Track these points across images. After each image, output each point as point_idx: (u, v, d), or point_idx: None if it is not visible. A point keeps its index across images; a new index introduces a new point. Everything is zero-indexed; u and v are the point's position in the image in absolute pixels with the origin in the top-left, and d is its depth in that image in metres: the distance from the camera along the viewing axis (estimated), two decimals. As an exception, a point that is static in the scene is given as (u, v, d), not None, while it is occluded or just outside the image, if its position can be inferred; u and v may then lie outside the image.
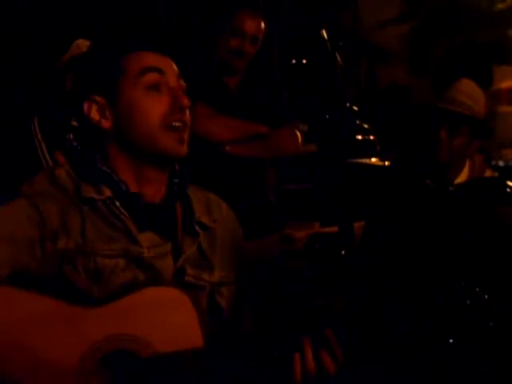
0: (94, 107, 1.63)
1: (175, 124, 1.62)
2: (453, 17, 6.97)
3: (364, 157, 4.76)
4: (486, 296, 1.44)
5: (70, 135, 1.72)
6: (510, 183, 2.32)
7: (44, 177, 1.63)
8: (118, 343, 1.47)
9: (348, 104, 4.74)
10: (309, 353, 1.47)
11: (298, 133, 3.12)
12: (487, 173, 2.45)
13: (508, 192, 2.30)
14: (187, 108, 1.63)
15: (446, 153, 2.27)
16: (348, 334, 1.49)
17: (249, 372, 1.48)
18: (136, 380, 1.47)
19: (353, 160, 4.53)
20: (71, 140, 1.72)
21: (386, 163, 4.72)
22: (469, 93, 2.32)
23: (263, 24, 3.07)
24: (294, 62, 5.23)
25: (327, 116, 3.13)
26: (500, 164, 5.53)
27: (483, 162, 2.46)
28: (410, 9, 7.11)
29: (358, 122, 5.00)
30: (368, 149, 4.92)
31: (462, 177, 2.34)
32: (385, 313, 1.49)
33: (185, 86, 1.67)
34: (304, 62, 5.22)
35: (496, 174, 2.49)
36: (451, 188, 2.31)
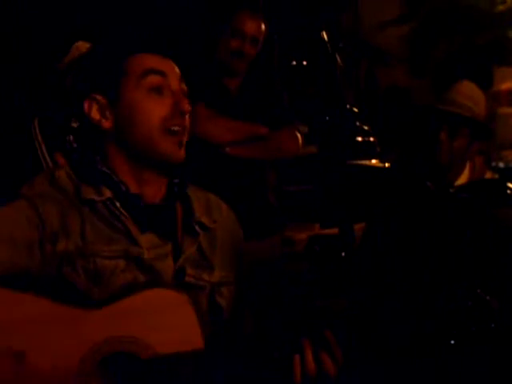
0: (95, 106, 1.63)
1: (174, 128, 1.61)
2: (453, 18, 6.98)
3: (364, 158, 4.77)
4: (488, 297, 1.44)
5: (70, 137, 1.71)
6: (511, 185, 2.32)
7: (44, 178, 1.63)
8: (118, 345, 1.47)
9: (348, 105, 4.74)
10: (309, 354, 1.47)
11: (299, 134, 3.12)
12: (487, 174, 2.45)
13: (508, 194, 2.29)
14: (188, 113, 1.63)
15: (447, 154, 2.27)
16: (348, 336, 1.49)
17: (249, 373, 1.48)
18: (136, 381, 1.47)
19: (353, 161, 4.53)
20: (71, 142, 1.72)
21: (386, 165, 4.73)
22: (469, 94, 2.32)
23: (263, 25, 3.07)
24: (294, 64, 5.24)
25: (327, 117, 3.13)
26: (500, 165, 5.54)
27: (483, 164, 2.45)
28: (410, 10, 7.12)
29: (358, 124, 5.00)
30: (368, 150, 4.93)
31: (463, 178, 2.33)
32: (385, 314, 1.49)
33: (186, 90, 1.66)
34: (304, 64, 5.22)
35: (496, 176, 2.48)
36: (451, 190, 2.30)
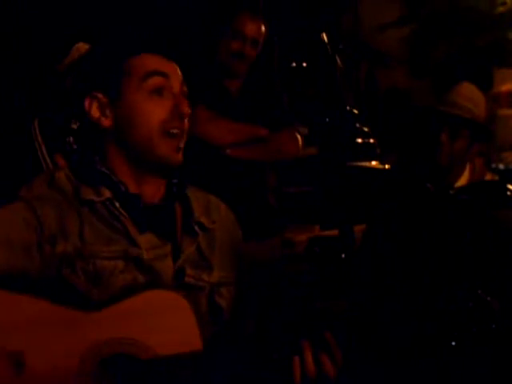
0: (95, 104, 1.62)
1: (173, 131, 1.61)
2: (453, 20, 6.98)
3: (364, 160, 4.77)
4: (488, 298, 1.44)
5: (70, 138, 1.71)
6: (511, 186, 2.32)
7: (42, 180, 1.63)
8: (118, 347, 1.47)
9: (348, 107, 4.75)
10: (308, 356, 1.47)
11: (299, 136, 3.12)
12: (487, 176, 2.45)
13: (508, 195, 2.29)
14: (187, 116, 1.63)
15: (447, 156, 2.27)
16: (348, 338, 1.49)
17: (248, 374, 1.48)
18: (135, 383, 1.47)
19: (353, 163, 4.53)
20: (71, 143, 1.71)
21: (386, 166, 4.73)
22: (469, 96, 2.32)
23: (264, 27, 3.07)
24: (294, 65, 5.24)
25: (327, 119, 3.13)
26: (500, 167, 5.54)
27: (483, 166, 2.45)
28: (410, 12, 7.12)
29: (358, 125, 5.00)
30: (368, 152, 4.93)
31: (463, 180, 2.33)
32: (385, 316, 1.49)
33: (187, 92, 1.66)
34: (304, 65, 5.22)
35: (496, 178, 2.48)
36: (451, 191, 2.30)
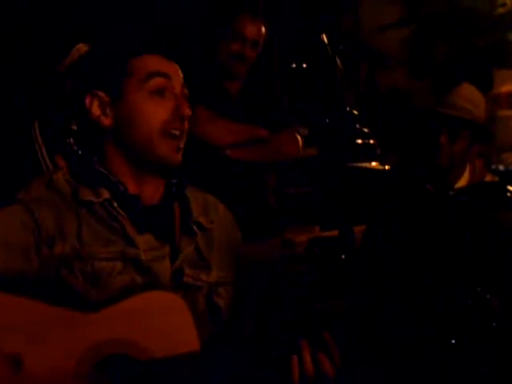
0: (96, 102, 1.63)
1: (174, 132, 1.62)
2: (453, 21, 6.98)
3: (364, 161, 4.77)
4: (488, 296, 1.44)
5: (71, 139, 1.71)
6: (511, 188, 2.32)
7: (40, 182, 1.63)
8: (116, 348, 1.47)
9: (348, 108, 4.74)
10: (307, 355, 1.47)
11: (299, 136, 3.12)
12: (487, 177, 2.44)
13: (508, 196, 2.29)
14: (188, 118, 1.64)
15: (447, 157, 2.26)
16: (348, 338, 1.49)
17: (247, 374, 1.48)
18: (134, 384, 1.47)
19: (353, 164, 4.54)
20: (71, 144, 1.71)
21: (386, 167, 4.73)
22: (469, 97, 2.32)
23: (264, 28, 3.08)
24: (295, 66, 5.23)
25: (327, 120, 3.13)
26: (500, 168, 5.54)
27: (483, 167, 2.45)
28: (410, 13, 7.12)
29: (358, 126, 5.00)
30: (368, 153, 4.93)
31: (462, 181, 2.33)
32: (385, 316, 1.49)
33: (187, 94, 1.67)
34: (304, 66, 5.22)
35: (496, 179, 2.48)
36: (451, 192, 2.30)
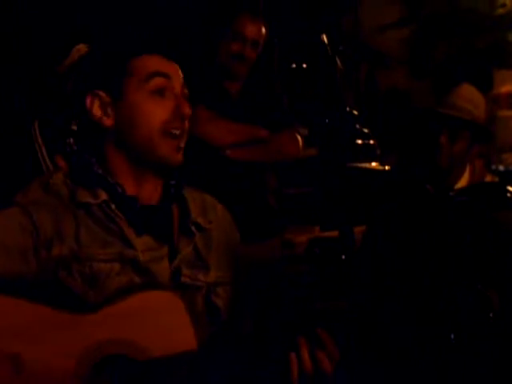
0: (97, 102, 1.62)
1: (174, 131, 1.62)
2: (453, 21, 6.98)
3: (364, 161, 4.77)
4: (488, 293, 1.44)
5: (71, 139, 1.71)
6: (511, 188, 2.32)
7: (38, 185, 1.63)
8: (114, 348, 1.47)
9: (348, 108, 4.75)
10: (305, 352, 1.47)
11: (299, 137, 3.12)
12: (487, 178, 2.44)
13: (508, 197, 2.29)
14: (188, 117, 1.64)
15: (446, 158, 2.26)
16: (348, 338, 1.49)
17: (246, 374, 1.48)
18: (133, 384, 1.47)
19: (353, 164, 4.54)
20: (71, 144, 1.71)
21: (386, 167, 4.73)
22: (469, 98, 2.32)
23: (264, 28, 3.07)
24: (295, 67, 5.23)
25: (327, 120, 3.13)
26: (500, 168, 5.54)
27: (483, 167, 2.45)
28: (410, 13, 7.12)
29: (358, 127, 5.00)
30: (368, 153, 4.93)
31: (463, 182, 2.33)
32: (385, 316, 1.49)
33: (187, 94, 1.67)
34: (304, 67, 5.22)
35: (496, 179, 2.48)
36: (451, 193, 2.30)
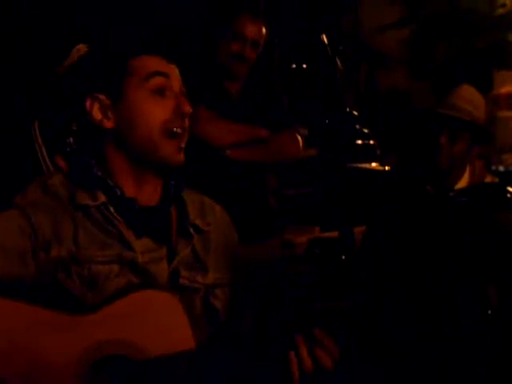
0: (96, 105, 1.62)
1: (176, 130, 1.62)
2: (453, 21, 6.98)
3: (364, 161, 4.77)
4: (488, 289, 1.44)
5: (71, 139, 1.71)
6: (511, 189, 2.32)
7: (37, 186, 1.63)
8: (112, 348, 1.47)
9: (348, 108, 4.75)
10: (303, 350, 1.48)
11: (299, 137, 3.12)
12: (487, 178, 2.45)
13: (508, 197, 2.30)
14: (189, 115, 1.64)
15: (446, 159, 2.27)
16: (348, 338, 1.49)
17: (245, 373, 1.49)
18: (132, 384, 1.47)
19: (353, 164, 4.54)
20: (71, 144, 1.71)
21: (386, 168, 4.73)
22: (469, 98, 2.32)
23: (264, 29, 3.07)
24: (295, 67, 5.23)
25: (327, 120, 3.13)
26: (500, 169, 5.53)
27: (483, 168, 2.45)
28: (410, 13, 7.12)
29: (358, 127, 5.01)
30: (368, 153, 4.93)
31: (462, 182, 2.33)
32: (385, 317, 1.49)
33: (186, 92, 1.67)
34: (304, 67, 5.22)
35: (496, 180, 2.48)
36: (451, 193, 2.30)
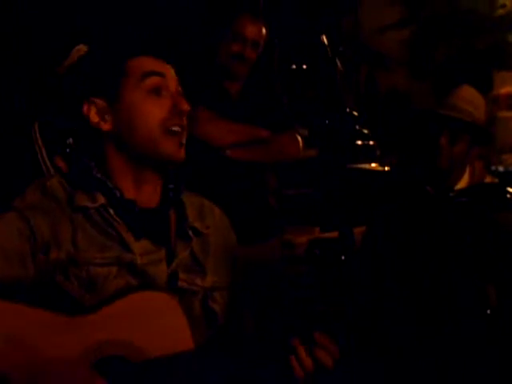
0: (93, 109, 1.62)
1: (174, 128, 1.62)
2: (453, 22, 6.99)
3: (364, 162, 4.78)
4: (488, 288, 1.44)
5: (70, 139, 1.71)
6: (510, 189, 2.32)
7: (35, 189, 1.62)
8: (112, 349, 1.47)
9: (348, 109, 4.75)
10: (302, 352, 1.48)
11: (299, 137, 3.12)
12: (487, 178, 2.44)
13: (508, 198, 2.30)
14: (187, 113, 1.64)
15: (447, 159, 2.26)
16: (348, 338, 1.49)
17: (244, 374, 1.49)
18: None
19: (353, 165, 4.55)
20: (71, 144, 1.71)
21: (386, 168, 4.74)
22: (469, 99, 2.32)
23: (264, 29, 3.07)
24: (295, 68, 5.24)
25: (327, 121, 3.13)
26: (500, 169, 5.53)
27: (483, 168, 2.45)
28: (410, 14, 7.13)
29: (358, 127, 5.02)
30: (368, 154, 4.94)
31: (462, 183, 2.33)
32: (385, 317, 1.50)
33: (182, 92, 1.67)
34: (304, 68, 5.22)
35: (496, 180, 2.48)
36: (451, 194, 2.30)
